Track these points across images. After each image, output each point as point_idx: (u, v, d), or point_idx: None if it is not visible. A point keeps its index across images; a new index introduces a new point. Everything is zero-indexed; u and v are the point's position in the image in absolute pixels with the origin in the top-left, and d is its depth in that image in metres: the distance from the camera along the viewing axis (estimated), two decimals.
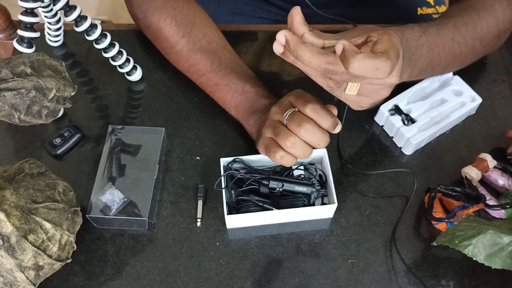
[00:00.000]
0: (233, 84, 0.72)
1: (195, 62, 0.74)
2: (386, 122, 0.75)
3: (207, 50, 0.74)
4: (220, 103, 0.75)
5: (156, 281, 0.64)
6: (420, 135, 0.71)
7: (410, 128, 0.72)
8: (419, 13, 0.98)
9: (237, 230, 0.67)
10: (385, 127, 0.76)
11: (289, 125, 0.62)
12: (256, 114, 0.70)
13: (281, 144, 0.62)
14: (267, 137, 0.64)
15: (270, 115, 0.65)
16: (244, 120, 0.72)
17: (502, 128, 0.75)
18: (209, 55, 0.74)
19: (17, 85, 0.64)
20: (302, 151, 0.62)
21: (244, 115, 0.72)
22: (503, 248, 0.56)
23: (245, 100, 0.72)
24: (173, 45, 0.75)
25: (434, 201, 0.67)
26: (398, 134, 0.73)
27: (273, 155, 0.63)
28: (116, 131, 0.73)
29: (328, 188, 0.67)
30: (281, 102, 0.65)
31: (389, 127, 0.75)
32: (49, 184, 0.62)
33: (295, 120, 0.61)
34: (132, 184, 0.69)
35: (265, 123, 0.66)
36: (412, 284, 0.64)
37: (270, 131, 0.64)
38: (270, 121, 0.65)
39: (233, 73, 0.73)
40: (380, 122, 0.76)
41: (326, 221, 0.68)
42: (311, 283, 0.64)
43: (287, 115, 0.62)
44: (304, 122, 0.61)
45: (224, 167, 0.68)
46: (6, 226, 0.56)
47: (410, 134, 0.72)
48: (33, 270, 0.58)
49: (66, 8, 0.71)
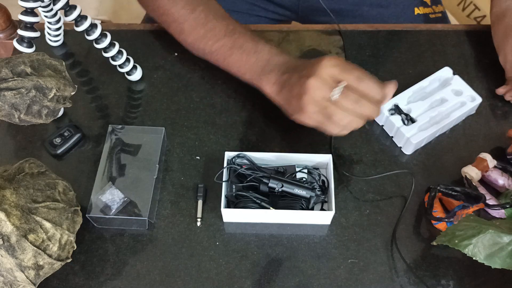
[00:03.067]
0: (247, 45, 0.72)
1: (212, 27, 0.75)
2: (386, 121, 0.75)
3: (223, 16, 0.76)
4: (235, 69, 0.74)
5: (156, 281, 0.64)
6: (420, 135, 0.71)
7: (410, 128, 0.72)
8: (416, 13, 0.98)
9: (237, 229, 0.67)
10: (385, 127, 0.76)
11: (344, 102, 0.61)
12: (273, 74, 0.69)
13: (337, 124, 0.63)
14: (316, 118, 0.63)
15: (310, 90, 0.62)
16: (261, 81, 0.70)
17: (502, 128, 0.75)
18: (224, 20, 0.75)
19: (17, 85, 0.64)
20: (356, 124, 0.64)
21: (260, 76, 0.71)
22: (503, 247, 0.56)
23: (260, 59, 0.71)
24: (192, 10, 0.76)
25: (434, 200, 0.67)
26: (398, 134, 0.73)
27: (329, 133, 0.65)
28: (116, 131, 0.73)
29: (329, 195, 0.67)
30: (320, 75, 0.62)
31: (389, 127, 0.75)
32: (49, 184, 0.62)
33: (351, 97, 0.61)
34: (132, 183, 0.69)
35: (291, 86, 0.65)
36: (412, 284, 0.64)
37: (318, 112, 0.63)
38: (312, 99, 0.62)
39: (246, 35, 0.73)
40: (380, 122, 0.76)
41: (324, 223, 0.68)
42: (311, 283, 0.64)
43: (337, 92, 0.61)
44: (360, 99, 0.61)
45: (228, 161, 0.68)
46: (6, 226, 0.56)
47: (410, 134, 0.71)
48: (33, 270, 0.58)
49: (66, 7, 0.71)
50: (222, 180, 0.66)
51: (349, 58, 0.83)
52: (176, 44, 0.79)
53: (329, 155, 0.69)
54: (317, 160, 0.70)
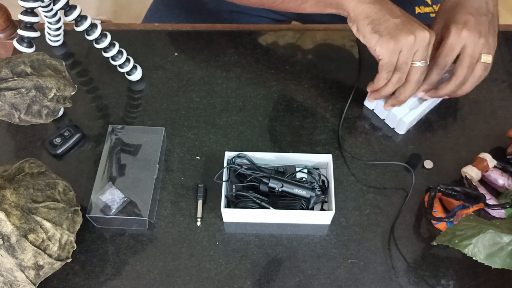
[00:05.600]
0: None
1: None
2: (376, 105, 0.76)
3: None
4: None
5: (156, 281, 0.64)
6: (411, 114, 0.73)
7: (401, 109, 0.73)
8: (417, 12, 0.98)
9: (237, 229, 0.67)
10: (375, 111, 0.77)
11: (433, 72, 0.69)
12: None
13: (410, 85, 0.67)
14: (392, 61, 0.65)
15: (418, 36, 0.64)
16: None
17: (502, 128, 0.75)
18: None
19: (17, 85, 0.64)
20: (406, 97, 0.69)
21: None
22: (503, 247, 0.56)
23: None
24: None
25: (434, 200, 0.67)
26: (390, 116, 0.75)
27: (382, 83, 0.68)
28: (116, 131, 0.73)
29: (329, 195, 0.67)
30: (430, 39, 0.65)
31: (380, 110, 0.76)
32: (49, 184, 0.62)
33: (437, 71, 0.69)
34: (132, 183, 0.69)
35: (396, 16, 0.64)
36: (412, 283, 0.64)
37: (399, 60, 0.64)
38: (412, 42, 0.64)
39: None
40: (370, 106, 0.78)
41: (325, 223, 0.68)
42: (311, 283, 0.64)
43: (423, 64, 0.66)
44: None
45: (228, 161, 0.68)
46: (6, 226, 0.56)
47: (402, 114, 0.73)
48: (33, 270, 0.58)
49: (66, 7, 0.71)
50: (222, 180, 0.66)
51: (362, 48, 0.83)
52: (176, 44, 0.79)
53: (329, 155, 0.69)
54: (317, 160, 0.70)
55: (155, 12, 1.02)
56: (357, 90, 0.78)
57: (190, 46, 0.84)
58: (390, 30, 0.64)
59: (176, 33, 0.86)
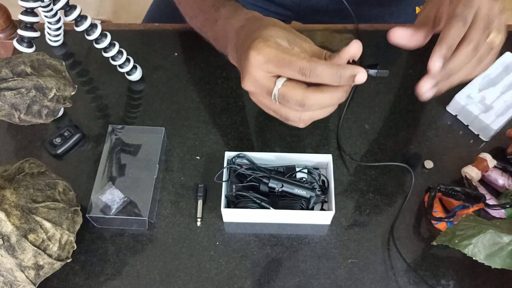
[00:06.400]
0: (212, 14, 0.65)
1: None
2: (461, 111, 0.75)
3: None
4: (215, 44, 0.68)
5: (156, 281, 0.64)
6: (499, 121, 0.72)
7: (488, 115, 0.72)
8: (417, 12, 0.98)
9: (237, 229, 0.67)
10: (459, 116, 0.76)
11: (288, 106, 0.50)
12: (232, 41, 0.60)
13: (294, 123, 0.54)
14: (269, 112, 0.54)
15: (249, 91, 0.53)
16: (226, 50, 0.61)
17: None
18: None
19: (17, 85, 0.64)
20: (323, 114, 0.53)
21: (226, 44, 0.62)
22: (503, 247, 0.56)
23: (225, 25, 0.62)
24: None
25: (434, 200, 0.67)
26: (476, 122, 0.73)
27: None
28: (116, 131, 0.73)
29: (329, 195, 0.67)
30: (252, 77, 0.51)
31: (465, 116, 0.75)
32: (49, 184, 0.62)
33: (294, 98, 0.49)
34: (132, 183, 0.69)
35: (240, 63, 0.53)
36: (412, 284, 0.64)
37: (268, 109, 0.54)
38: (255, 98, 0.54)
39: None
40: (454, 111, 0.76)
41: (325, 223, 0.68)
42: (311, 283, 0.64)
43: (276, 94, 0.50)
44: (308, 96, 0.49)
45: (228, 161, 0.69)
46: (6, 226, 0.56)
47: (489, 121, 0.72)
48: (33, 270, 0.58)
49: (66, 7, 0.71)
50: (222, 180, 0.66)
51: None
52: (176, 44, 0.79)
53: (329, 155, 0.69)
54: (317, 160, 0.70)
55: (155, 12, 1.02)
56: (357, 90, 0.78)
57: (190, 46, 0.84)
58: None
59: (176, 33, 0.86)
